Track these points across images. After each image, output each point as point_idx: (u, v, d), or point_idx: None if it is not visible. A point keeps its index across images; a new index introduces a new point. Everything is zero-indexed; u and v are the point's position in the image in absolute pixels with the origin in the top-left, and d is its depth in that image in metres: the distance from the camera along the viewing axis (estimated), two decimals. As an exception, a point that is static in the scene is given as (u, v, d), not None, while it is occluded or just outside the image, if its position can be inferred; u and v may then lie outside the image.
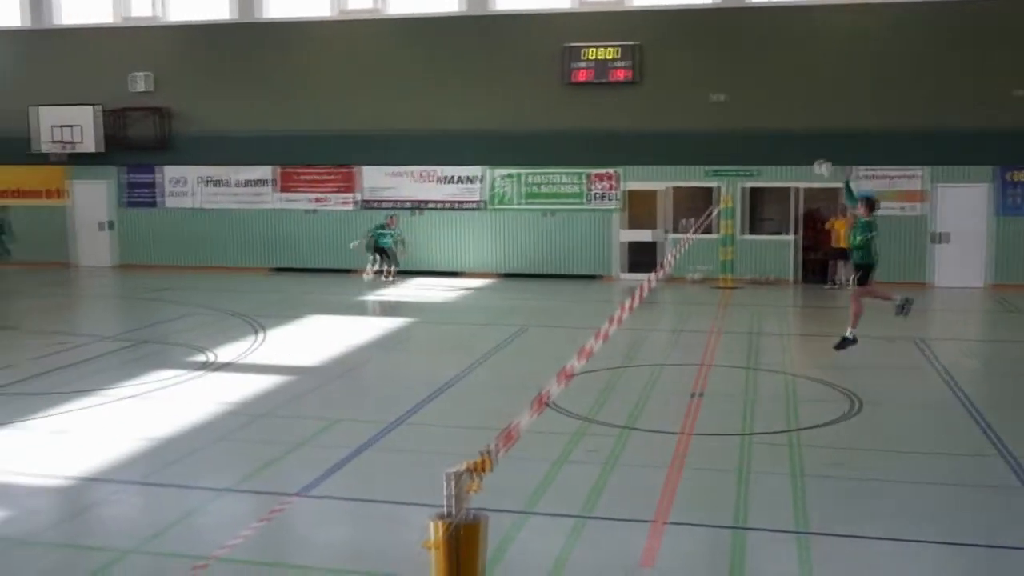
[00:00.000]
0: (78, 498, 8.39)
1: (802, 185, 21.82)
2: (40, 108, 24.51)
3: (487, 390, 12.15)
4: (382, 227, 22.70)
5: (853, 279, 13.85)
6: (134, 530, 7.65)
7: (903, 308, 13.22)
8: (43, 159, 24.88)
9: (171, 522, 7.68)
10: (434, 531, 4.23)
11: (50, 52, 25.00)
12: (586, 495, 8.11)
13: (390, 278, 22.50)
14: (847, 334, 13.36)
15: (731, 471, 8.71)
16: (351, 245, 22.80)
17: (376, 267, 22.60)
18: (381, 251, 22.77)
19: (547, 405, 6.72)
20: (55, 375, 12.89)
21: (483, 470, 4.39)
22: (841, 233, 20.19)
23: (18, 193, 25.50)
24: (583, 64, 22.62)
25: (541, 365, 13.23)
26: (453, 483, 4.22)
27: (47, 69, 24.96)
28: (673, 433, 9.81)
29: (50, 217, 25.37)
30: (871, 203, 13.36)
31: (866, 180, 21.15)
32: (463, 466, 4.32)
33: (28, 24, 25.24)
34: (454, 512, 4.21)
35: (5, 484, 8.64)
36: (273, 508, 7.94)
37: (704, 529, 7.42)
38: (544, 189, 23.12)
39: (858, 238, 13.27)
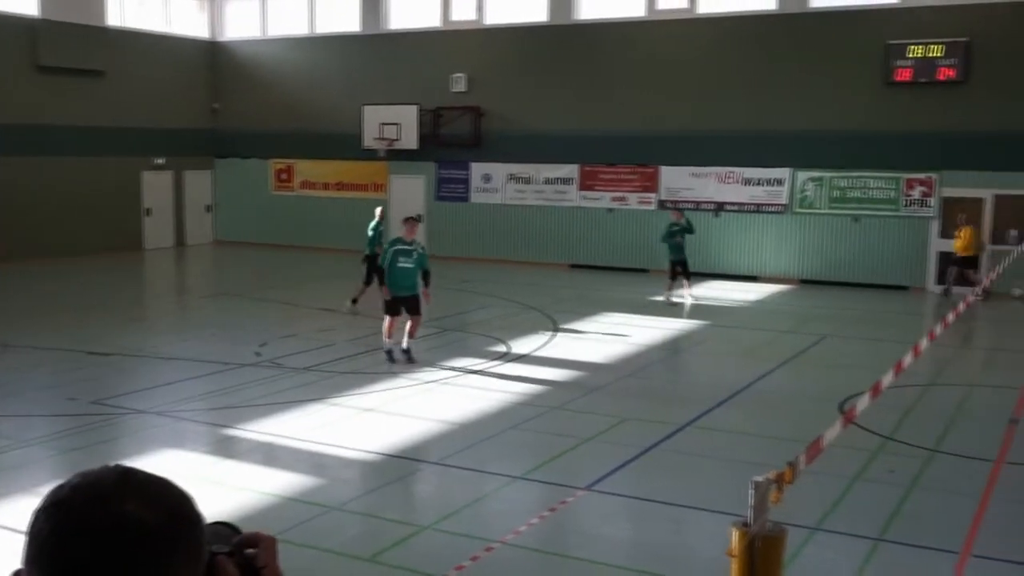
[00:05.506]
0: (382, 473, 8.96)
1: None
2: (368, 107, 26.34)
3: (781, 399, 11.76)
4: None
5: None
6: (430, 508, 8.07)
7: None
8: (370, 155, 26.76)
9: (464, 504, 8.03)
10: (736, 539, 4.13)
11: (380, 55, 26.82)
12: (884, 517, 7.66)
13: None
14: None
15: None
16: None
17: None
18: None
19: (852, 422, 6.40)
20: (366, 356, 13.81)
21: (787, 481, 4.26)
22: None
23: (343, 186, 27.59)
24: (906, 62, 21.25)
25: (841, 377, 12.69)
26: (758, 492, 4.10)
27: (377, 70, 26.79)
28: (986, 460, 9.04)
29: (369, 209, 27.20)
30: None
31: None
32: (770, 475, 4.20)
33: (363, 30, 27.20)
34: (754, 522, 4.10)
35: (320, 454, 9.38)
36: (561, 499, 8.10)
37: (1018, 567, 6.79)
38: (853, 194, 22.02)
39: None
